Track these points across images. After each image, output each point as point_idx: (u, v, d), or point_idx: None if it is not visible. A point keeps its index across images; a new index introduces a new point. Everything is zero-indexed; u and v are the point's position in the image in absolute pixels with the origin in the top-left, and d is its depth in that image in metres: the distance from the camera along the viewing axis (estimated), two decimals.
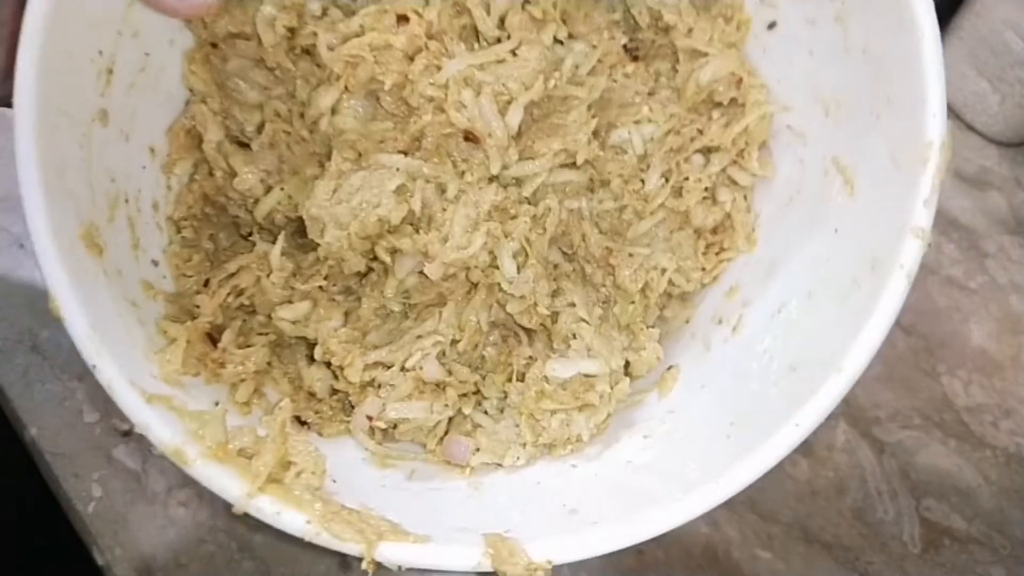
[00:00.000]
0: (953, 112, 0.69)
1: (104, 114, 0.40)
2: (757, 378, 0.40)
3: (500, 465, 0.42)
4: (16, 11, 0.35)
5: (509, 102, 0.42)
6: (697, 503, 0.34)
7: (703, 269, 0.47)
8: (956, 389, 0.60)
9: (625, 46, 0.47)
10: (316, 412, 0.43)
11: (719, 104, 0.46)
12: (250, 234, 0.46)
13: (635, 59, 0.47)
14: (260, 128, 0.45)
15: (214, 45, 0.44)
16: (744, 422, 0.37)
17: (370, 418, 0.42)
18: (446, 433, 0.44)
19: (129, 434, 0.51)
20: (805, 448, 0.55)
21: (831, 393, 0.34)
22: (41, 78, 0.35)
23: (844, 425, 0.58)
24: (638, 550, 0.33)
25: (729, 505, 0.53)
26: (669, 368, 0.45)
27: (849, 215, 0.40)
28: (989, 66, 0.65)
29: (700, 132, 0.46)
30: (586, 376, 0.42)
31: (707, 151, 0.46)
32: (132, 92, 0.42)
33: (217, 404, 0.39)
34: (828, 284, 0.39)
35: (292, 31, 0.43)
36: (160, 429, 0.35)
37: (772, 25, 0.44)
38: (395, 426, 0.43)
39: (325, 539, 0.33)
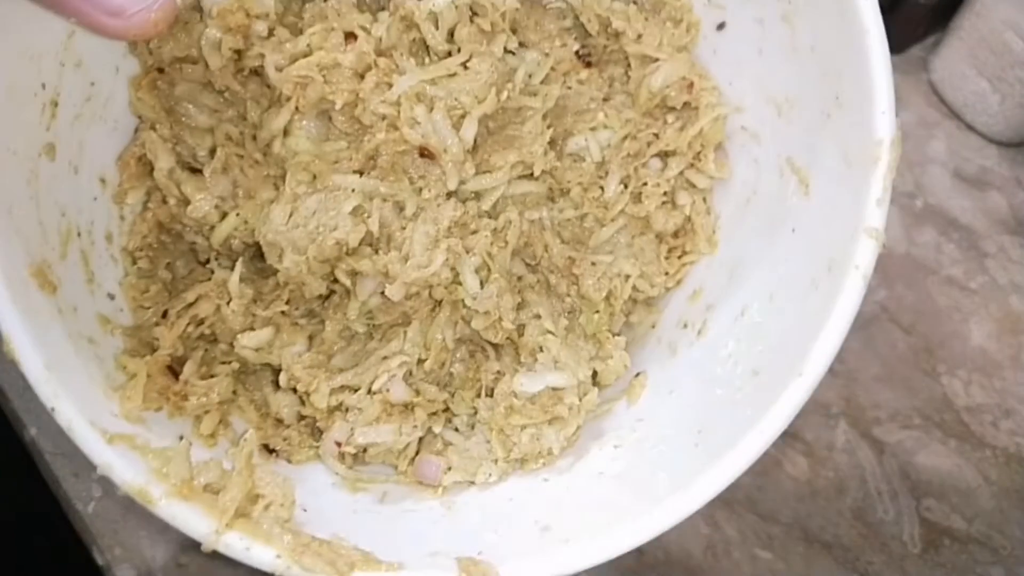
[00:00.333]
0: (953, 112, 0.70)
1: (51, 148, 0.39)
2: (722, 383, 0.40)
3: (472, 483, 0.42)
4: None
5: (463, 116, 0.42)
6: (668, 515, 0.34)
7: (666, 273, 0.47)
8: (956, 389, 0.60)
9: (577, 52, 0.47)
10: (284, 439, 0.43)
11: (673, 108, 0.46)
12: (208, 261, 0.45)
13: (588, 65, 0.47)
14: (212, 152, 0.44)
15: (160, 70, 0.43)
16: (711, 429, 0.38)
17: (339, 444, 0.41)
18: (417, 453, 0.43)
19: None
20: (805, 448, 0.57)
21: (793, 398, 0.34)
22: None
23: (844, 425, 0.58)
24: (638, 550, 0.34)
25: (729, 505, 0.54)
26: (637, 375, 0.45)
27: (805, 215, 0.40)
28: (989, 66, 0.65)
29: (656, 136, 0.46)
30: (554, 389, 0.42)
31: (664, 155, 0.46)
32: (79, 123, 0.41)
33: (181, 438, 0.39)
34: (787, 285, 0.40)
35: (239, 53, 0.43)
36: (123, 470, 0.34)
37: (721, 26, 0.44)
38: (365, 450, 0.42)
39: (296, 573, 0.33)
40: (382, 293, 0.42)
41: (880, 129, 0.35)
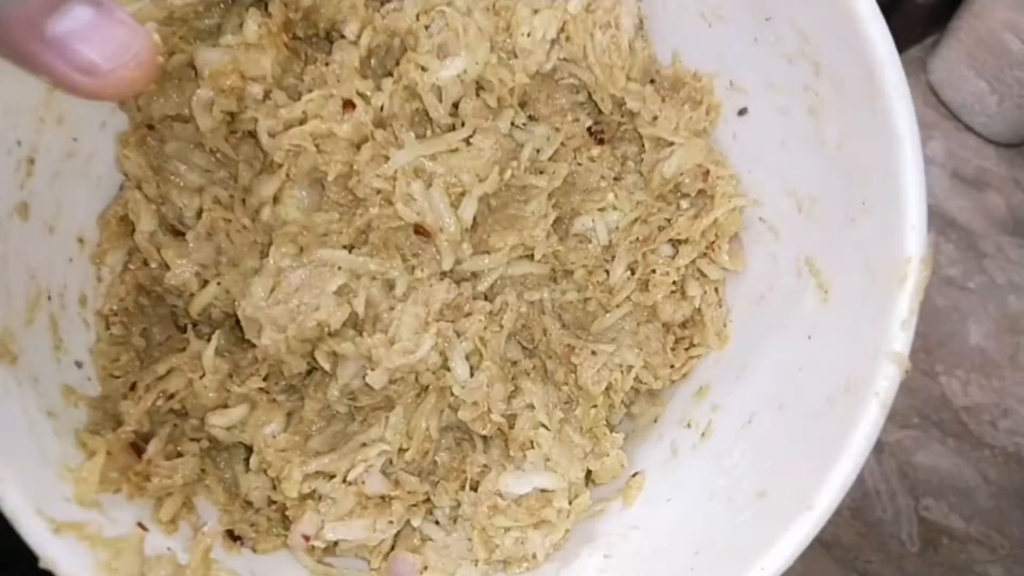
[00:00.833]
0: (952, 113, 0.69)
1: (24, 207, 0.37)
2: (725, 499, 0.37)
3: None
4: None
5: (462, 194, 0.40)
6: None
7: (672, 366, 0.44)
8: (954, 389, 0.60)
9: (590, 129, 0.45)
10: (252, 525, 0.40)
11: (687, 194, 0.43)
12: (187, 327, 0.43)
13: (600, 142, 0.45)
14: (199, 215, 0.42)
15: (150, 127, 0.41)
16: (709, 554, 0.35)
17: (307, 538, 0.38)
18: (392, 547, 0.40)
19: None
20: None
21: (800, 534, 0.31)
22: None
23: None
24: None
25: None
26: (634, 475, 0.42)
27: (823, 323, 0.37)
28: (988, 67, 0.65)
29: (668, 222, 0.43)
30: (543, 491, 0.39)
31: (675, 243, 0.44)
32: (57, 181, 0.39)
33: (139, 524, 0.36)
34: (800, 397, 0.37)
35: (232, 115, 0.40)
36: (68, 564, 0.32)
37: (743, 112, 0.42)
38: (336, 543, 0.39)
39: None
40: (364, 376, 0.39)
41: (910, 246, 0.32)
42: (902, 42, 0.74)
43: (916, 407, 0.58)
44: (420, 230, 0.40)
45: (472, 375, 0.40)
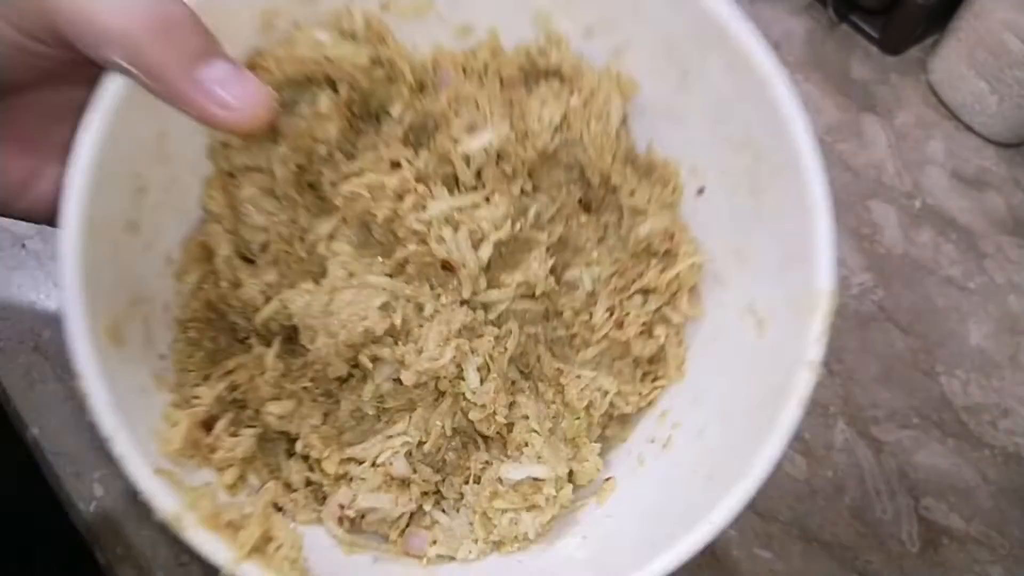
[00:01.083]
0: (952, 112, 0.70)
1: (134, 225, 0.46)
2: (682, 486, 0.46)
3: (453, 558, 0.48)
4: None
5: (481, 239, 0.50)
6: None
7: (640, 394, 0.54)
8: (954, 389, 0.60)
9: (580, 200, 0.56)
10: (292, 500, 0.48)
11: (656, 253, 0.54)
12: (246, 338, 0.52)
13: (588, 211, 0.56)
14: (264, 247, 0.51)
15: (231, 175, 0.51)
16: (667, 522, 0.44)
17: (342, 506, 0.47)
18: (407, 526, 0.49)
19: None
20: (804, 447, 0.57)
21: (740, 493, 0.41)
22: (87, 195, 0.41)
23: (842, 424, 0.58)
24: None
25: None
26: (607, 480, 0.51)
27: (759, 351, 0.48)
28: (987, 67, 0.65)
29: (640, 275, 0.54)
30: (535, 480, 0.48)
31: (645, 292, 0.54)
32: (158, 209, 0.48)
33: (208, 484, 0.44)
34: (740, 406, 0.47)
35: (301, 168, 0.51)
36: (163, 498, 0.40)
37: (701, 191, 0.53)
38: (363, 516, 0.48)
39: None
40: (395, 380, 0.49)
41: (822, 283, 0.43)
42: (902, 42, 0.74)
43: (915, 407, 0.58)
44: (447, 265, 0.50)
45: (481, 384, 0.49)
